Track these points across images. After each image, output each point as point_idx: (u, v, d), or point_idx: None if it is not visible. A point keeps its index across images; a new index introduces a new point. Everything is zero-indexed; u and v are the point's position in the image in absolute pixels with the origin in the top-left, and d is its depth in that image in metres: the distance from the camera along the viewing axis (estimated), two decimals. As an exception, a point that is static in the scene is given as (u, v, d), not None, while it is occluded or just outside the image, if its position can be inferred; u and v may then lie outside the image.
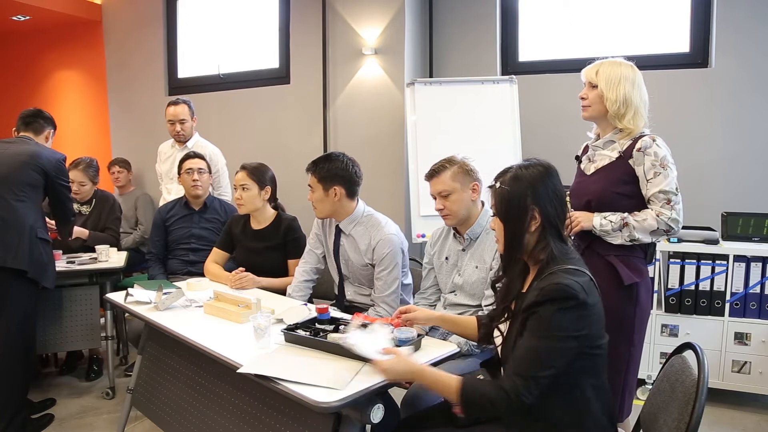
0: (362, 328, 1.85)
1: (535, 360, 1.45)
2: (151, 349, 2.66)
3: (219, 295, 2.47)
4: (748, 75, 3.71)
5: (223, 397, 2.13)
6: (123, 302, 2.57)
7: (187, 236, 3.52)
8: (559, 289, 1.46)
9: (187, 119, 3.91)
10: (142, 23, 5.33)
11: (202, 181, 3.50)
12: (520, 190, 1.59)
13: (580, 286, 1.47)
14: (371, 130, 4.38)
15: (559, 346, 1.44)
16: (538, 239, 1.60)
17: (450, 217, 2.42)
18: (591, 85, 2.18)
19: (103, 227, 3.91)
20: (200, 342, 2.02)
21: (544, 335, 1.45)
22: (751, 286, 3.14)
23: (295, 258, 3.02)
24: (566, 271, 1.51)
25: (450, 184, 2.38)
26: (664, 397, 1.63)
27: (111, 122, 5.59)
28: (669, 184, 2.05)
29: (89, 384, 3.60)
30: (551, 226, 1.59)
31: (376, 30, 4.26)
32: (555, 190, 1.61)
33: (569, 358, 1.46)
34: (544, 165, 1.64)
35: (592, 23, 4.17)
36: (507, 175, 1.64)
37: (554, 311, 1.45)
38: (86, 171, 3.91)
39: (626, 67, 2.16)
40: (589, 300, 1.47)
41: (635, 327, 2.12)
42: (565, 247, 1.62)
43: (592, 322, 1.49)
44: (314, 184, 2.67)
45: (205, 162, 3.55)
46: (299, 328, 2.03)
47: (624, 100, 2.11)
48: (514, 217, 1.59)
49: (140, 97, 5.38)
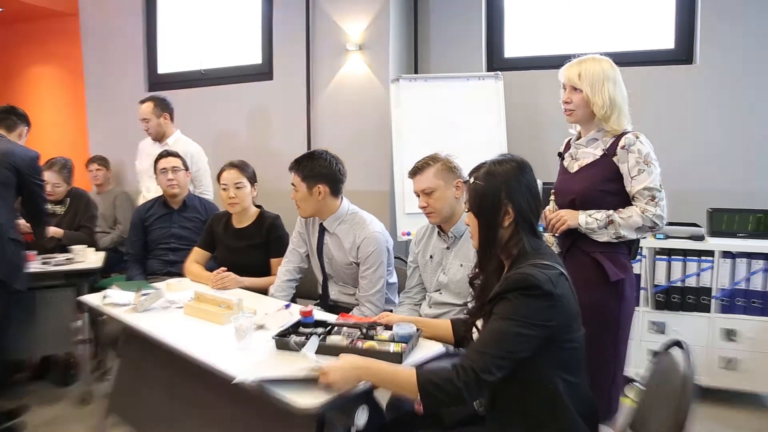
0: None
1: (495, 340, 1.48)
2: (129, 353, 2.62)
3: (200, 296, 2.43)
4: (734, 71, 3.74)
5: (204, 401, 2.10)
6: (100, 304, 2.52)
7: (166, 236, 3.48)
8: (522, 279, 1.49)
9: (150, 117, 3.90)
10: (120, 16, 5.26)
11: (178, 180, 3.46)
12: (494, 186, 1.62)
13: (547, 277, 1.49)
14: (355, 127, 4.36)
15: (519, 332, 1.46)
16: (512, 234, 1.63)
17: (433, 214, 2.42)
18: (573, 89, 2.17)
19: (78, 226, 3.86)
20: (181, 345, 1.99)
21: (507, 318, 1.48)
22: (737, 282, 3.17)
23: (277, 257, 2.99)
24: (535, 265, 1.53)
25: (433, 182, 2.37)
26: (652, 395, 1.65)
27: (89, 119, 5.52)
28: (653, 181, 2.07)
29: (64, 390, 3.51)
30: (524, 221, 1.62)
31: (361, 25, 4.24)
32: (528, 185, 1.64)
33: (533, 347, 1.47)
34: (517, 160, 1.66)
35: (578, 19, 4.19)
36: (481, 170, 1.67)
37: (518, 297, 1.48)
38: (61, 172, 3.86)
39: (606, 64, 2.16)
40: (556, 291, 1.49)
41: (621, 323, 2.14)
42: (538, 242, 1.64)
43: (559, 313, 1.50)
44: (297, 183, 2.65)
45: (180, 159, 3.52)
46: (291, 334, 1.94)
47: (610, 102, 2.11)
48: (487, 212, 1.62)
49: (119, 92, 5.30)
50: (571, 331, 1.55)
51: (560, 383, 1.53)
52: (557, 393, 1.53)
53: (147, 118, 3.91)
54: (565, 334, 1.53)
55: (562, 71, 2.22)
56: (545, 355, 1.50)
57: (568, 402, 1.53)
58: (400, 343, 1.81)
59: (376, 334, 1.91)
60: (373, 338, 1.88)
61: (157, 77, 5.27)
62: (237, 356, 1.86)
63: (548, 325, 1.48)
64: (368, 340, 1.85)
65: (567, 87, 2.20)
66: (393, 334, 1.87)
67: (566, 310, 1.53)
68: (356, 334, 1.91)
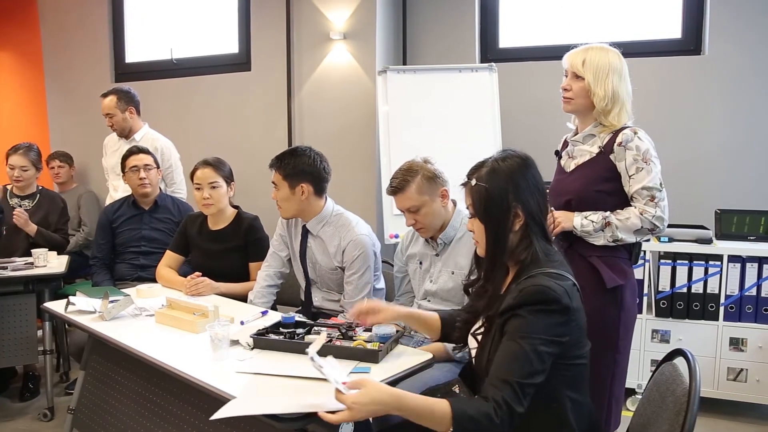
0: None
1: (520, 365, 1.44)
2: (95, 364, 2.62)
3: (172, 303, 2.44)
4: (744, 63, 3.78)
5: (176, 416, 2.11)
6: (63, 312, 2.52)
7: (136, 238, 3.48)
8: (540, 291, 1.46)
9: (114, 112, 3.89)
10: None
11: (150, 178, 3.46)
12: (500, 186, 1.57)
13: (564, 290, 1.48)
14: (340, 121, 4.38)
15: (539, 350, 1.44)
16: (521, 238, 1.59)
17: (424, 230, 2.44)
18: (575, 76, 2.17)
19: (55, 229, 3.87)
20: (151, 355, 2.00)
21: (525, 337, 1.45)
22: (747, 288, 3.21)
23: (257, 261, 3.00)
24: (548, 275, 1.51)
25: (417, 199, 2.36)
26: (654, 408, 1.66)
27: (49, 111, 5.48)
28: (652, 180, 2.07)
29: (24, 405, 3.51)
30: (535, 223, 1.59)
31: (345, 13, 4.26)
32: (536, 183, 1.61)
33: (549, 366, 1.46)
34: (521, 156, 1.62)
35: (577, 7, 4.23)
36: (482, 170, 1.62)
37: (535, 312, 1.45)
38: (27, 155, 3.85)
39: (613, 55, 2.17)
40: (572, 305, 1.49)
41: (620, 333, 2.15)
42: (549, 247, 1.62)
43: (573, 329, 1.50)
44: (279, 182, 2.66)
45: (151, 157, 3.52)
46: (270, 333, 2.06)
47: (612, 95, 2.12)
48: (496, 216, 1.58)
49: (83, 83, 5.27)
50: (581, 346, 1.55)
51: (567, 402, 1.53)
52: (563, 413, 1.53)
53: (111, 113, 3.89)
54: (576, 350, 1.53)
55: (566, 56, 2.23)
56: (552, 372, 1.48)
57: (572, 421, 1.54)
58: (378, 343, 1.92)
59: (355, 335, 2.01)
60: (352, 339, 1.99)
61: (125, 66, 5.24)
62: (213, 367, 1.87)
63: (562, 342, 1.47)
64: (347, 341, 1.97)
65: (568, 73, 2.20)
66: (372, 335, 1.96)
67: (579, 325, 1.53)
68: (335, 335, 2.03)
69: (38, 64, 5.50)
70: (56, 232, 3.87)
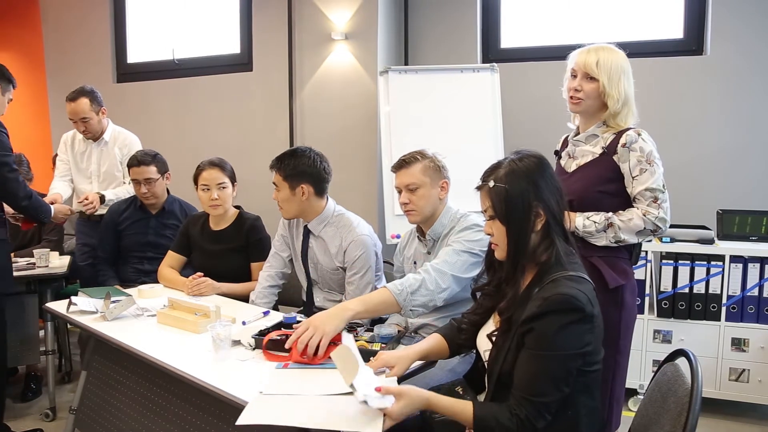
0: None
1: (543, 384, 1.44)
2: (97, 365, 2.63)
3: (174, 303, 2.44)
4: (746, 63, 3.79)
5: (178, 415, 2.11)
6: (65, 312, 2.52)
7: (142, 244, 3.45)
8: (565, 300, 1.44)
9: (90, 115, 3.66)
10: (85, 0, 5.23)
11: (152, 191, 3.40)
12: (521, 186, 1.56)
13: (586, 297, 1.47)
14: (341, 122, 4.38)
15: (566, 366, 1.44)
16: (542, 238, 1.58)
17: (414, 212, 2.41)
18: (588, 77, 2.14)
19: (41, 239, 3.88)
20: (153, 355, 2.00)
21: (550, 355, 1.44)
22: (749, 288, 3.22)
23: (258, 261, 3.01)
24: (570, 279, 1.50)
25: (419, 178, 2.38)
26: (655, 408, 1.66)
27: (51, 112, 5.48)
28: (656, 181, 2.07)
29: (26, 405, 3.51)
30: (556, 222, 1.58)
31: (347, 13, 4.26)
32: (554, 181, 1.60)
33: (573, 377, 1.46)
34: (536, 156, 1.62)
35: (579, 7, 4.24)
36: (500, 171, 1.60)
37: (559, 327, 1.44)
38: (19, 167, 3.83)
39: (622, 56, 2.16)
40: (595, 312, 1.48)
41: (621, 333, 2.15)
42: (569, 248, 1.61)
43: (595, 336, 1.49)
44: (279, 182, 2.66)
45: (153, 167, 3.39)
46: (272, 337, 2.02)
47: (624, 97, 2.12)
48: (518, 217, 1.56)
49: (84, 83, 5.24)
50: (599, 352, 1.54)
51: (582, 409, 1.53)
52: (577, 419, 1.52)
53: (86, 117, 3.66)
54: (596, 356, 1.52)
55: (575, 56, 2.19)
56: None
57: (585, 427, 1.53)
58: (380, 344, 1.98)
59: (356, 336, 2.03)
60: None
61: (126, 67, 5.25)
62: (214, 368, 1.87)
63: (587, 351, 1.47)
64: None
65: (579, 74, 2.17)
66: (374, 336, 1.99)
67: (600, 331, 1.52)
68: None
69: (40, 65, 5.52)
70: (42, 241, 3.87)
